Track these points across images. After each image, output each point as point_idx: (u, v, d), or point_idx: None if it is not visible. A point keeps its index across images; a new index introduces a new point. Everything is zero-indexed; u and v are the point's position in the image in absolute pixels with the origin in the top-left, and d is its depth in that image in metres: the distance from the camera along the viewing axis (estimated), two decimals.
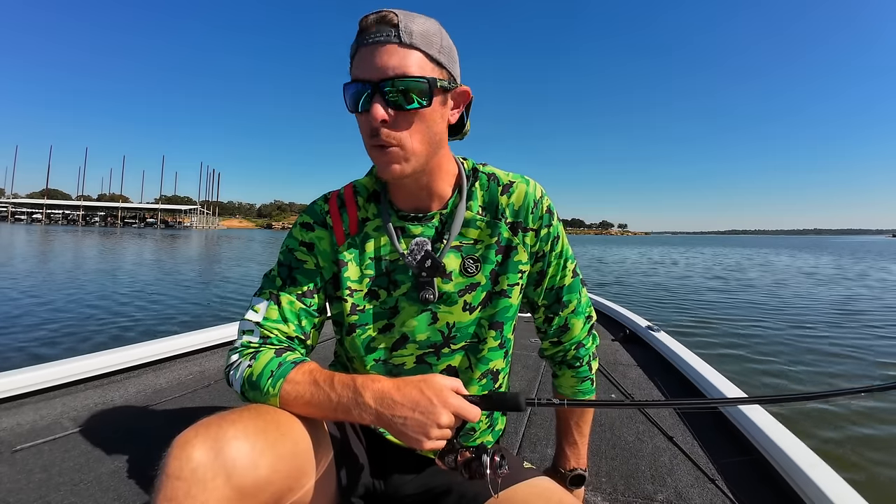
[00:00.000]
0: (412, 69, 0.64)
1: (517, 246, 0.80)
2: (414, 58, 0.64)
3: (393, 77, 0.63)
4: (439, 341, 0.79)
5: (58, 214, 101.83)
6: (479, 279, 0.79)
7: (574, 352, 0.88)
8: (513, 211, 0.80)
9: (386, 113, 0.64)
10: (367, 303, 0.79)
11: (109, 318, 5.93)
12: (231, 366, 0.73)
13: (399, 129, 0.66)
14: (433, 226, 0.78)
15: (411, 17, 0.65)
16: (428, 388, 0.62)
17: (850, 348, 4.92)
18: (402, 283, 0.78)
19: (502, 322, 0.81)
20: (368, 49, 0.64)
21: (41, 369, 1.69)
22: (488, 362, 0.82)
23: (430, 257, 0.75)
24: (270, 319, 0.75)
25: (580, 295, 0.87)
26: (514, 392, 0.66)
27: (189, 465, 0.52)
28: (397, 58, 0.63)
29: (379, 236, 0.79)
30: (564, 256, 0.85)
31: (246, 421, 0.60)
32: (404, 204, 0.79)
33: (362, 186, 0.82)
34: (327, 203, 0.81)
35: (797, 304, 8.08)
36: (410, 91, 0.64)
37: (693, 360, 2.12)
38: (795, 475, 1.17)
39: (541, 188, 0.82)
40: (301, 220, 0.82)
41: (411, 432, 0.61)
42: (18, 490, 1.12)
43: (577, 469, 0.91)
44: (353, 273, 0.78)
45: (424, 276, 0.76)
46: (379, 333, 0.79)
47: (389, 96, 0.64)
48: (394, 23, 0.63)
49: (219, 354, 2.32)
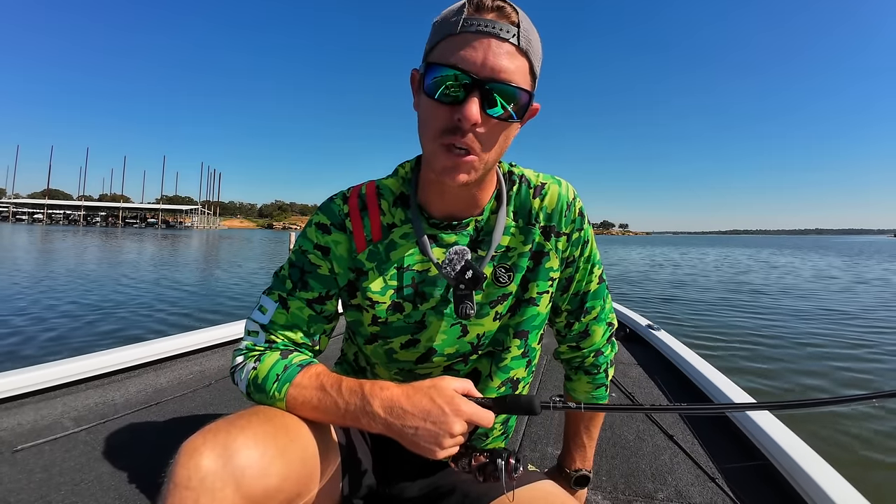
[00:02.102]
0: (520, 79, 0.59)
1: (549, 252, 0.75)
2: (524, 67, 0.60)
3: (502, 80, 0.58)
4: (468, 351, 0.76)
5: (59, 214, 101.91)
6: (511, 289, 0.74)
7: (592, 359, 0.85)
8: (546, 215, 0.75)
9: (480, 116, 0.58)
10: (391, 315, 0.73)
11: (110, 318, 5.93)
12: (236, 367, 0.72)
13: (485, 137, 0.60)
14: (467, 234, 0.73)
15: (526, 20, 0.60)
16: (439, 395, 0.59)
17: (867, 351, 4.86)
18: (430, 297, 0.72)
19: (527, 331, 0.77)
20: (479, 39, 0.57)
21: (42, 369, 1.69)
22: (509, 371, 0.78)
23: (472, 268, 0.68)
24: (277, 324, 0.72)
25: (604, 301, 0.84)
26: (529, 395, 0.64)
27: (198, 473, 0.51)
28: (513, 63, 0.58)
29: (407, 244, 0.72)
30: (592, 262, 0.81)
31: (255, 427, 0.58)
32: (438, 211, 0.73)
33: (387, 189, 0.75)
34: (346, 203, 0.74)
35: (821, 306, 7.90)
36: (511, 101, 0.59)
37: (694, 359, 2.12)
38: (796, 473, 1.16)
39: (573, 189, 0.77)
40: (317, 219, 0.75)
41: (423, 442, 0.58)
42: (19, 490, 1.12)
43: (583, 470, 0.91)
44: (376, 284, 0.73)
45: (463, 288, 0.68)
46: (402, 349, 0.75)
47: (491, 100, 0.58)
48: (514, 21, 0.59)
49: (219, 354, 2.32)
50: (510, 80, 0.58)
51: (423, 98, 0.63)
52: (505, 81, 0.58)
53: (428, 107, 0.62)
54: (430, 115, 0.61)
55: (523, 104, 0.60)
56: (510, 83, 0.58)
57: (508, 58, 0.58)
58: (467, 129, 0.59)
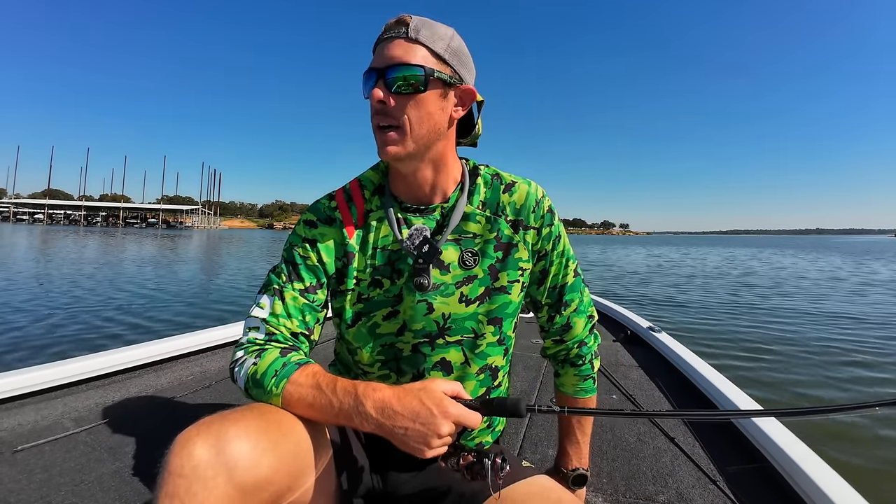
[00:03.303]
0: (413, 59, 0.70)
1: (518, 243, 0.83)
2: (417, 51, 0.71)
3: (394, 64, 0.70)
4: (434, 331, 0.81)
5: (59, 215, 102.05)
6: (477, 272, 0.81)
7: (577, 350, 0.90)
8: (514, 209, 0.83)
9: (385, 95, 0.71)
10: (372, 291, 0.81)
11: (110, 317, 5.94)
12: (236, 362, 0.74)
13: (397, 112, 0.72)
14: (434, 218, 0.82)
15: (424, 21, 0.73)
16: (428, 397, 0.63)
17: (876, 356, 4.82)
18: (404, 272, 0.80)
19: (501, 318, 0.83)
20: (382, 44, 0.72)
21: (42, 369, 1.70)
22: (486, 357, 0.83)
23: (428, 242, 0.78)
24: (275, 315, 0.76)
25: (582, 294, 0.90)
26: (515, 398, 0.67)
27: (190, 462, 0.53)
28: (401, 49, 0.71)
29: (381, 226, 0.82)
30: (566, 256, 0.87)
31: (248, 420, 0.60)
32: (407, 196, 0.82)
33: (367, 180, 0.86)
34: (334, 200, 0.84)
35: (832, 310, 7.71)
36: (408, 77, 0.70)
37: (695, 361, 2.11)
38: (798, 477, 1.16)
39: (542, 189, 0.86)
40: (304, 217, 0.84)
41: (412, 442, 0.61)
42: (19, 490, 1.12)
43: (580, 469, 0.92)
44: (359, 263, 0.81)
45: (421, 262, 0.78)
46: (384, 321, 0.82)
47: (389, 81, 0.71)
48: (406, 22, 0.72)
49: (219, 355, 2.32)
50: (404, 62, 0.70)
51: None
52: (398, 64, 0.70)
53: None
54: (370, 111, 0.75)
55: (421, 78, 0.71)
56: (403, 63, 0.70)
57: (398, 47, 0.71)
58: (378, 108, 0.72)
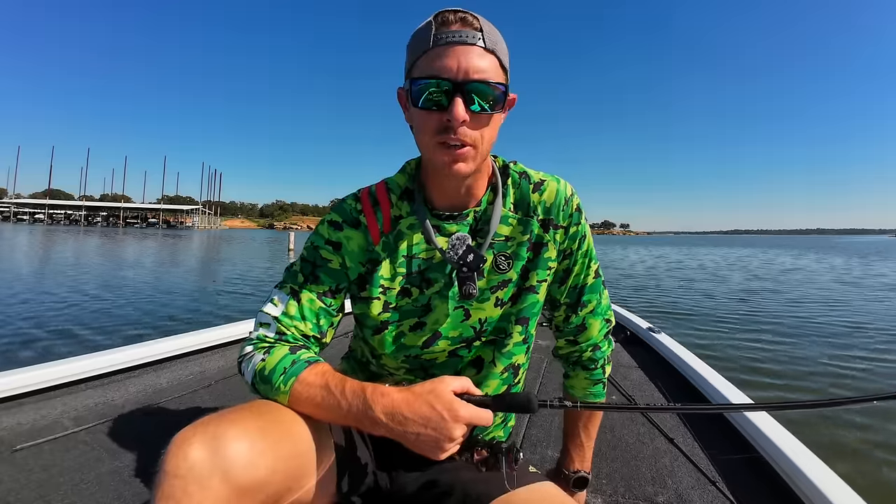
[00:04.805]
0: (493, 75, 0.67)
1: (547, 243, 0.81)
2: (494, 64, 0.67)
3: (477, 80, 0.65)
4: (471, 336, 0.80)
5: (60, 215, 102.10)
6: (511, 276, 0.80)
7: (590, 353, 0.88)
8: (544, 208, 0.81)
9: (466, 113, 0.65)
10: (400, 300, 0.79)
11: (110, 317, 5.94)
12: (244, 357, 0.73)
13: (473, 130, 0.67)
14: (468, 224, 0.79)
15: (488, 23, 0.68)
16: (437, 400, 0.61)
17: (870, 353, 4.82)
18: (435, 281, 0.78)
19: (528, 318, 0.82)
20: (451, 48, 0.65)
21: (42, 369, 1.69)
22: (511, 356, 0.83)
23: (473, 252, 0.75)
24: (289, 315, 0.75)
25: (601, 296, 0.88)
26: (527, 393, 0.66)
27: (186, 462, 0.52)
28: (483, 62, 0.66)
29: (412, 234, 0.79)
30: (589, 256, 0.86)
31: (246, 420, 0.60)
32: (441, 202, 0.79)
33: (395, 184, 0.82)
34: (359, 202, 0.81)
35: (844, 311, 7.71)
36: (490, 96, 0.66)
37: (694, 362, 2.11)
38: (797, 478, 1.16)
39: (571, 187, 0.83)
40: (330, 217, 0.81)
41: (425, 447, 0.61)
42: (19, 489, 1.12)
43: (581, 471, 0.91)
44: (386, 271, 0.78)
45: (465, 271, 0.76)
46: (410, 331, 0.80)
47: (471, 98, 0.65)
48: (476, 26, 0.66)
49: (219, 355, 2.32)
50: (484, 78, 0.65)
51: (413, 110, 0.70)
52: (480, 80, 0.65)
53: (419, 116, 0.69)
54: (424, 123, 0.68)
55: (500, 96, 0.68)
56: (485, 81, 0.65)
57: (479, 59, 0.65)
58: (459, 126, 0.66)
